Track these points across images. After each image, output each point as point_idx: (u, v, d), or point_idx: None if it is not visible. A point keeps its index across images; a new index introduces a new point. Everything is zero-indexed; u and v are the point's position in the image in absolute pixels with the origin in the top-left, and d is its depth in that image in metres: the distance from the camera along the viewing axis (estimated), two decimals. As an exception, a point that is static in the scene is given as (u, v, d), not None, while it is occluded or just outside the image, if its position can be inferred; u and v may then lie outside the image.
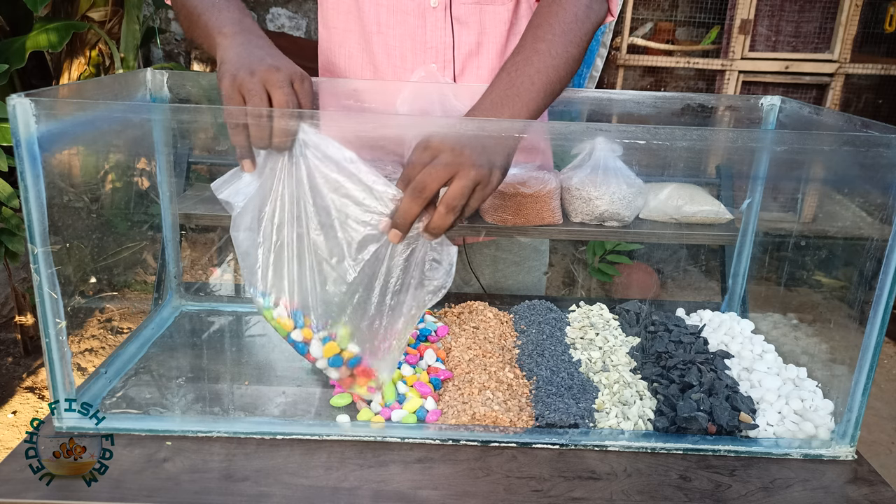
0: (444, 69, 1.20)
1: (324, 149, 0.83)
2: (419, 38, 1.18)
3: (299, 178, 0.85)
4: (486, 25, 1.20)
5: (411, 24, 1.18)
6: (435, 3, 1.17)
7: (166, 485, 0.80)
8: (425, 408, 0.93)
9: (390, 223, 0.83)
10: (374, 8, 1.18)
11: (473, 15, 1.19)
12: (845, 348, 0.97)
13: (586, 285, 3.28)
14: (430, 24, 1.18)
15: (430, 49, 1.19)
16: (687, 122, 1.21)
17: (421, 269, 0.88)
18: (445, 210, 0.81)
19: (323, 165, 0.84)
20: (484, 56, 1.22)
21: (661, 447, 0.91)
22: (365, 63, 1.23)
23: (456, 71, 1.21)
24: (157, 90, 1.13)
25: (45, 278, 0.83)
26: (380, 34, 1.19)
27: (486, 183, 0.82)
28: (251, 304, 1.24)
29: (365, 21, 1.19)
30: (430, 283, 0.88)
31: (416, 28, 1.18)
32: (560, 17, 0.99)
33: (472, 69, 1.22)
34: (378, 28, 1.19)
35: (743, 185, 1.25)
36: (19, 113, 0.78)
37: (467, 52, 1.20)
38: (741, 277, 1.25)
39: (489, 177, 0.82)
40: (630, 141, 0.89)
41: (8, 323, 2.88)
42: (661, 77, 3.77)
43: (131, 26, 3.03)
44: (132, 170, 1.47)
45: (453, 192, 0.80)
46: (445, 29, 1.18)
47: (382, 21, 1.18)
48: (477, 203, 0.84)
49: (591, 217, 1.17)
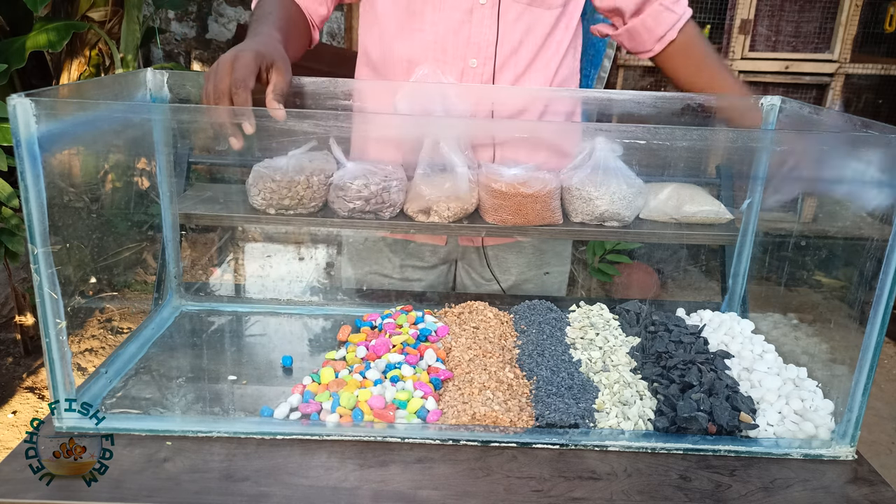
0: (483, 65, 1.23)
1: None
2: (463, 33, 1.21)
3: None
4: (531, 25, 1.24)
5: (456, 20, 1.21)
6: (484, 0, 1.20)
7: (166, 485, 0.80)
8: (426, 408, 0.93)
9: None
10: (421, 4, 1.21)
11: (520, 14, 1.22)
12: (845, 348, 0.97)
13: (586, 285, 3.28)
14: (476, 19, 1.21)
15: (472, 45, 1.22)
16: (687, 122, 1.21)
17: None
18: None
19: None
20: (523, 55, 1.25)
21: (661, 447, 0.90)
22: (397, 59, 1.25)
23: (497, 66, 1.23)
24: (157, 90, 1.13)
25: (45, 278, 0.83)
26: (421, 31, 1.22)
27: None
28: (251, 303, 1.25)
29: (406, 17, 1.22)
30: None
31: (462, 24, 1.21)
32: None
33: (511, 66, 1.25)
34: (421, 24, 1.22)
35: (743, 185, 1.25)
36: (19, 113, 0.78)
37: (509, 50, 1.23)
38: (741, 277, 1.25)
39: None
40: (630, 141, 0.89)
41: (8, 323, 2.88)
42: (661, 77, 3.77)
43: (131, 26, 3.03)
44: (132, 170, 1.47)
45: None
46: (491, 26, 1.21)
47: (427, 17, 1.21)
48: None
49: (591, 217, 1.16)
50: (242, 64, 0.93)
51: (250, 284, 2.68)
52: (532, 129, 1.24)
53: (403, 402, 0.94)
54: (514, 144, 1.27)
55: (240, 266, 3.06)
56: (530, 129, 1.23)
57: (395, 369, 1.00)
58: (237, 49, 0.96)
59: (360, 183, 1.12)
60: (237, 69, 0.92)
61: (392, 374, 0.99)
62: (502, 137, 1.28)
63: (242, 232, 3.05)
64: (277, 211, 1.14)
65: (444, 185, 1.13)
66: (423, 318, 1.16)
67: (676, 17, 1.30)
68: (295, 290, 1.27)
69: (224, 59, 0.94)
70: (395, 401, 0.94)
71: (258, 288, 1.69)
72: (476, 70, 1.23)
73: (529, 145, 1.30)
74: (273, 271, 3.01)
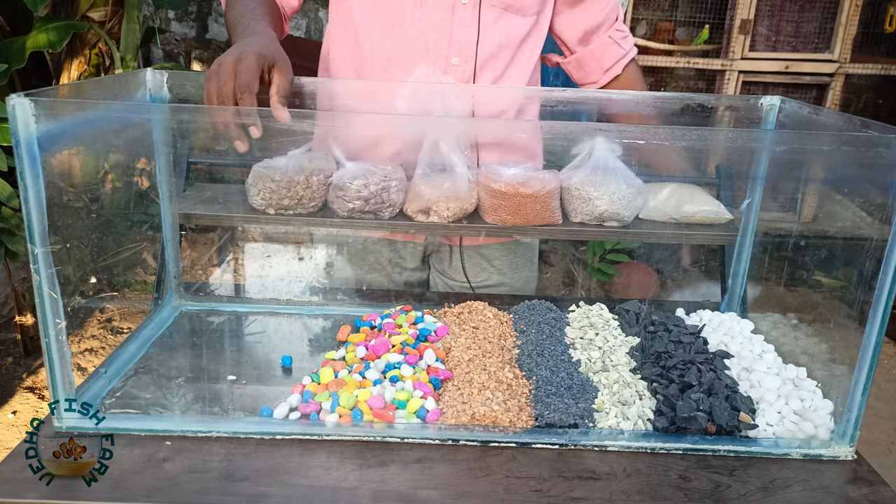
0: (465, 63, 1.24)
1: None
2: (445, 31, 1.22)
3: None
4: (508, 29, 1.25)
5: (438, 18, 1.21)
6: (465, 0, 1.20)
7: (166, 485, 0.80)
8: (425, 408, 0.93)
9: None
10: (402, 1, 1.21)
11: (498, 17, 1.24)
12: (845, 348, 0.97)
13: (586, 285, 3.28)
14: (457, 18, 1.21)
15: (455, 42, 1.23)
16: (687, 122, 1.21)
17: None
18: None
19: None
20: (501, 57, 1.26)
21: (660, 447, 0.91)
22: (376, 57, 1.24)
23: (477, 66, 1.24)
24: (156, 90, 1.13)
25: (45, 278, 0.83)
26: (403, 26, 1.22)
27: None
28: (251, 303, 1.25)
29: (386, 13, 1.22)
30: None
31: (444, 22, 1.21)
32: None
33: (490, 67, 1.26)
34: (402, 20, 1.22)
35: (743, 185, 1.25)
36: (19, 113, 0.78)
37: (489, 51, 1.24)
38: (741, 277, 1.25)
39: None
40: (630, 141, 0.90)
41: (8, 323, 2.88)
42: (661, 77, 3.77)
43: (131, 26, 3.03)
44: (132, 170, 1.47)
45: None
46: (472, 25, 1.22)
47: (408, 14, 1.21)
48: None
49: (591, 217, 1.16)
50: (246, 67, 0.92)
51: (250, 284, 2.67)
52: (532, 129, 1.24)
53: (403, 402, 0.94)
54: (509, 146, 1.28)
55: (239, 266, 3.06)
56: (529, 128, 1.23)
57: (395, 369, 1.00)
58: (238, 50, 0.96)
59: (360, 183, 1.12)
60: (241, 73, 0.92)
61: (391, 374, 0.99)
62: (502, 137, 1.28)
63: (242, 232, 3.05)
64: (277, 211, 1.14)
65: (443, 185, 1.13)
66: (422, 318, 1.16)
67: (623, 53, 1.36)
68: (295, 290, 1.27)
69: (226, 61, 0.94)
70: (395, 401, 0.94)
71: (258, 288, 1.69)
72: (458, 68, 1.24)
73: (523, 146, 1.32)
74: (273, 271, 3.01)
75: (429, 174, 1.15)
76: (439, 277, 1.44)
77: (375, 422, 0.92)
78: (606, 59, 1.37)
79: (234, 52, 0.95)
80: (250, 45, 0.98)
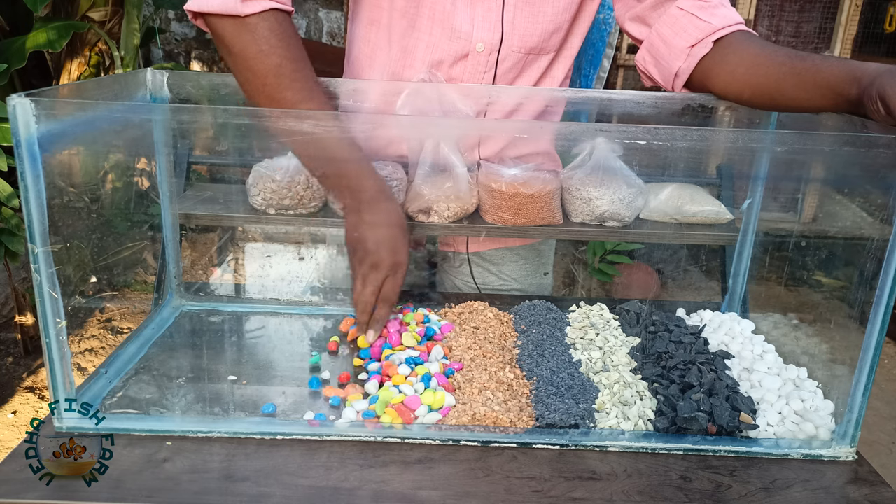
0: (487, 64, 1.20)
1: None
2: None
3: None
4: (525, 70, 1.23)
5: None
6: (481, 48, 1.17)
7: (166, 485, 0.80)
8: (447, 404, 0.93)
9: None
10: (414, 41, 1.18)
11: (517, 62, 1.21)
12: (845, 348, 0.97)
13: (586, 285, 3.28)
14: (470, 66, 1.19)
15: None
16: (687, 122, 1.21)
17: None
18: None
19: None
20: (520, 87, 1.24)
21: (661, 447, 0.90)
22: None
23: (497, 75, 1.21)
24: (157, 90, 1.13)
25: (45, 278, 0.83)
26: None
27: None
28: (251, 303, 1.25)
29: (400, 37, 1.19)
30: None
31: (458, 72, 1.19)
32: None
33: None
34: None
35: (743, 185, 1.25)
36: (19, 113, 0.78)
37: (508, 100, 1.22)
38: (741, 277, 1.25)
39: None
40: (630, 141, 0.89)
41: (8, 323, 2.88)
42: (661, 77, 3.77)
43: (131, 26, 3.03)
44: (132, 170, 1.47)
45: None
46: (487, 73, 1.19)
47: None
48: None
49: (592, 217, 1.16)
50: (403, 276, 1.05)
51: (250, 284, 2.68)
52: (532, 129, 1.24)
53: (429, 406, 0.93)
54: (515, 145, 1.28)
55: (240, 266, 3.06)
56: (529, 128, 1.23)
57: (419, 365, 1.01)
58: (393, 240, 1.04)
59: (361, 183, 1.12)
60: (399, 278, 1.04)
61: (423, 374, 0.99)
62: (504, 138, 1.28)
63: (242, 232, 3.05)
64: (277, 211, 1.14)
65: (443, 185, 1.13)
66: (429, 317, 1.16)
67: (706, 25, 1.06)
68: (295, 290, 1.27)
69: (384, 261, 1.03)
70: (425, 405, 0.93)
71: (258, 288, 1.69)
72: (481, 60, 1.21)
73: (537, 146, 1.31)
74: (273, 271, 3.01)
75: (429, 174, 1.15)
76: (447, 277, 1.44)
77: (394, 421, 0.91)
78: (680, 37, 1.07)
79: (391, 245, 1.03)
80: (389, 215, 1.04)
